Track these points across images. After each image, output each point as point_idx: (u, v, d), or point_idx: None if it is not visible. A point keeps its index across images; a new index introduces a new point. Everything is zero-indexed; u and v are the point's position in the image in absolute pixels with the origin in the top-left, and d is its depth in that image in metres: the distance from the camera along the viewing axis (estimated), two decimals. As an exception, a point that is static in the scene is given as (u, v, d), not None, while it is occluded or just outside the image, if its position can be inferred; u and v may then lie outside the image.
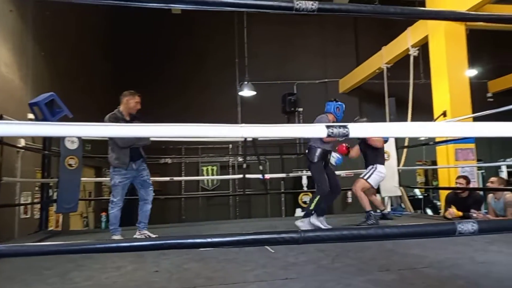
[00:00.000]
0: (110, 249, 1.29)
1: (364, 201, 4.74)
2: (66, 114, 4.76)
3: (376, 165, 4.85)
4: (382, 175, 4.87)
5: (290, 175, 7.17)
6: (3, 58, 5.17)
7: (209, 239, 1.05)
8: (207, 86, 10.32)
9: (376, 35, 9.96)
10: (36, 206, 5.57)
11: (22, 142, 5.15)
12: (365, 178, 4.82)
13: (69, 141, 5.13)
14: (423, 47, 7.30)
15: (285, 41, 10.97)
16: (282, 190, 9.86)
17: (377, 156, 4.94)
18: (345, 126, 1.02)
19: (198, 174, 9.94)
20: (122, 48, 10.11)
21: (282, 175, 7.62)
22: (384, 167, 4.93)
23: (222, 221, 6.47)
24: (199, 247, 1.16)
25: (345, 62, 10.74)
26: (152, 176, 8.14)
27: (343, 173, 8.18)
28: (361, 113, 9.74)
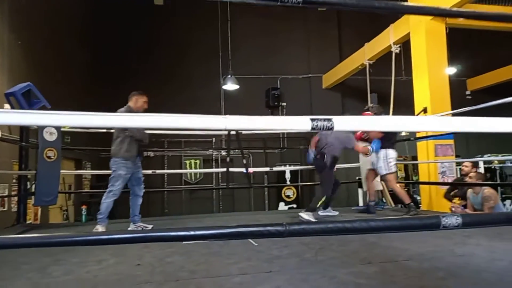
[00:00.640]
0: (91, 242, 1.24)
1: (401, 195, 4.89)
2: (44, 105, 4.64)
3: (386, 150, 4.92)
4: (393, 156, 4.99)
5: (274, 169, 7.17)
6: (-23, 47, 4.98)
7: (192, 232, 1.03)
8: (190, 79, 10.22)
9: (360, 32, 10.04)
10: (14, 199, 5.42)
11: (-2, 133, 4.99)
12: (388, 172, 4.93)
13: (47, 133, 4.99)
14: (405, 44, 7.40)
15: (269, 35, 10.94)
16: (265, 184, 9.88)
17: (386, 140, 4.95)
18: (329, 120, 1.02)
19: (181, 168, 9.87)
20: (102, 38, 9.89)
21: (266, 169, 7.63)
22: (393, 151, 5.02)
23: (205, 215, 6.45)
24: (182, 240, 1.14)
25: (328, 58, 10.80)
26: None
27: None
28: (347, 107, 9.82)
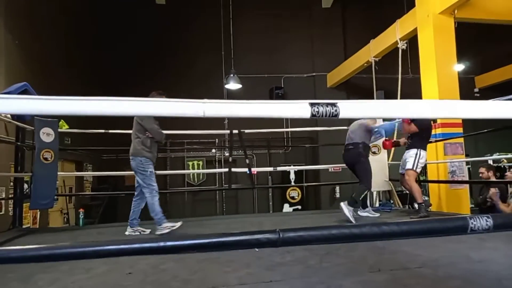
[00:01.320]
0: (75, 255, 1.06)
1: (416, 193, 4.69)
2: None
3: (419, 150, 4.74)
4: (423, 160, 4.80)
5: (278, 169, 7.00)
6: (-28, 46, 4.87)
7: (165, 243, 0.86)
8: (193, 78, 10.07)
9: (365, 29, 9.83)
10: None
11: (-7, 135, 4.87)
12: (413, 168, 4.71)
13: (44, 134, 4.86)
14: (411, 41, 7.19)
15: (273, 34, 10.77)
16: (269, 185, 9.70)
17: (422, 140, 4.81)
18: (333, 105, 0.85)
19: (183, 169, 9.72)
20: (104, 40, 9.78)
21: (269, 169, 7.46)
22: (425, 152, 4.84)
23: (208, 217, 6.28)
24: (167, 252, 0.97)
25: (333, 56, 10.60)
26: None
27: (331, 167, 8.08)
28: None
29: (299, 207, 9.61)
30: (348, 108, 0.86)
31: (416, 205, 5.02)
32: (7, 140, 5.17)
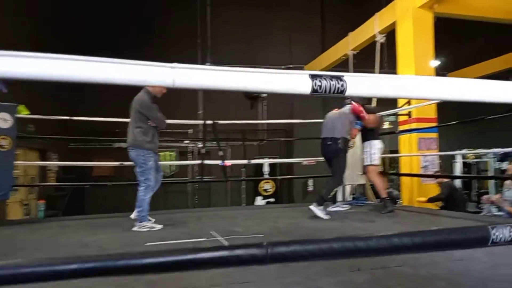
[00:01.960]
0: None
1: (380, 188, 4.73)
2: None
3: (371, 141, 4.85)
4: (379, 147, 4.88)
5: (252, 161, 6.83)
6: None
7: (124, 261, 0.67)
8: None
9: (343, 21, 9.77)
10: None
11: None
12: (371, 163, 4.79)
13: (1, 119, 4.49)
14: (388, 36, 7.16)
15: (250, 23, 10.54)
16: (242, 178, 9.54)
17: (373, 130, 4.90)
18: (339, 78, 0.68)
19: (154, 160, 9.40)
20: (75, 24, 9.26)
21: (243, 162, 7.29)
22: (379, 142, 4.92)
23: (179, 210, 6.05)
24: (123, 272, 0.77)
25: (310, 48, 10.49)
26: (104, 161, 7.52)
27: (305, 160, 7.99)
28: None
29: (273, 199, 9.51)
30: (356, 83, 0.69)
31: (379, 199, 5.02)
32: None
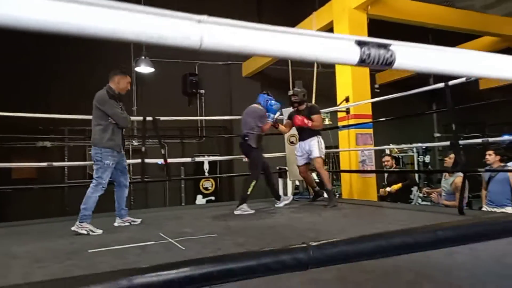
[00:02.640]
0: None
1: (326, 179, 4.79)
2: None
3: (318, 137, 4.97)
4: (324, 145, 5.04)
5: (197, 159, 6.62)
6: None
7: (138, 280, 0.51)
8: (96, 61, 9.03)
9: (280, 20, 9.82)
10: None
11: None
12: (320, 155, 4.87)
13: None
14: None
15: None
16: (182, 176, 9.23)
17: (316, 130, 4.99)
18: (386, 47, 0.59)
19: (85, 160, 8.71)
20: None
21: (187, 160, 7.03)
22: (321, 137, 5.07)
23: (114, 212, 5.64)
24: None
25: (248, 45, 10.47)
26: (26, 162, 6.97)
27: (245, 157, 7.95)
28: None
29: (213, 197, 9.36)
30: (406, 54, 0.61)
31: (325, 194, 5.18)
32: None
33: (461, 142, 3.92)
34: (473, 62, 0.67)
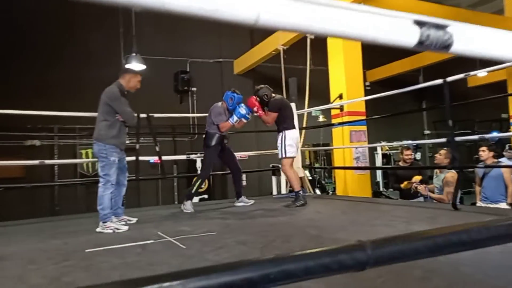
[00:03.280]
0: None
1: (293, 181, 4.54)
2: None
3: (283, 132, 4.54)
4: (292, 141, 4.55)
5: (192, 156, 6.54)
6: None
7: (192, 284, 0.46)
8: (85, 58, 8.87)
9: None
10: None
11: None
12: (284, 156, 4.51)
13: None
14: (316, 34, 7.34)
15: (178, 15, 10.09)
16: (175, 174, 9.14)
17: (283, 121, 4.58)
18: (444, 28, 0.55)
19: (75, 158, 8.56)
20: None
21: (181, 157, 6.95)
22: (292, 131, 4.60)
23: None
24: None
25: (240, 42, 10.41)
26: (14, 160, 6.84)
27: (238, 155, 7.91)
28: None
29: (206, 196, 9.28)
30: (465, 36, 0.56)
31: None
32: None
33: (457, 138, 3.93)
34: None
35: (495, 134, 6.76)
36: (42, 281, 2.00)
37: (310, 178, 10.21)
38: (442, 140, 4.03)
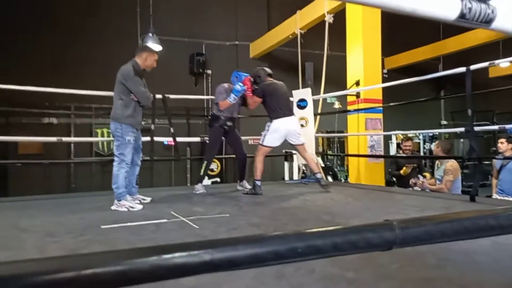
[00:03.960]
0: None
1: (257, 170, 4.36)
2: None
3: (270, 122, 4.39)
4: (277, 133, 4.33)
5: (206, 139, 6.55)
6: None
7: (218, 254, 0.46)
8: (101, 38, 8.89)
9: (288, 2, 9.65)
10: None
11: None
12: (261, 143, 4.41)
13: None
14: (334, 19, 7.18)
15: (194, -4, 10.01)
16: (188, 156, 9.21)
17: (269, 109, 4.41)
18: (486, 2, 0.53)
19: (91, 137, 8.69)
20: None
21: (195, 139, 6.98)
22: (280, 121, 4.33)
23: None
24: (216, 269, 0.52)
25: (256, 26, 10.28)
26: (33, 137, 6.87)
27: (251, 139, 7.91)
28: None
29: (218, 179, 9.35)
30: (510, 11, 0.54)
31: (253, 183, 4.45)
32: None
33: (476, 128, 3.85)
34: None
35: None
36: (60, 252, 2.05)
37: (322, 165, 10.20)
38: (461, 129, 3.95)
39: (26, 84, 4.68)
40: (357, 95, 6.28)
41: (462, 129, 3.88)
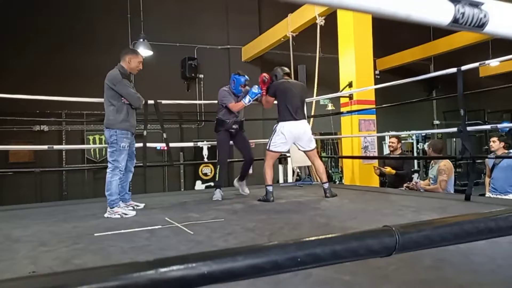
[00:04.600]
0: None
1: (265, 174, 4.18)
2: None
3: (277, 124, 4.22)
4: (281, 137, 4.12)
5: (199, 144, 6.52)
6: None
7: (220, 264, 0.44)
8: (91, 44, 8.83)
9: (278, 4, 9.67)
10: None
11: None
12: (268, 148, 4.22)
13: None
14: (325, 21, 7.20)
15: (185, 1, 9.99)
16: (181, 161, 9.17)
17: (279, 110, 4.23)
18: (478, 6, 0.53)
19: (83, 144, 8.60)
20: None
21: (188, 144, 6.94)
22: (284, 124, 4.14)
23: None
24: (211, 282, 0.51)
25: (247, 29, 10.30)
26: (24, 145, 6.87)
27: (253, 142, 7.88)
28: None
29: (212, 184, 9.31)
30: (501, 14, 0.53)
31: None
32: None
33: (469, 128, 3.87)
34: None
35: (505, 125, 6.66)
36: (54, 262, 2.02)
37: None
38: (453, 129, 3.98)
39: (16, 92, 4.63)
40: (350, 96, 6.30)
41: (454, 129, 3.91)
